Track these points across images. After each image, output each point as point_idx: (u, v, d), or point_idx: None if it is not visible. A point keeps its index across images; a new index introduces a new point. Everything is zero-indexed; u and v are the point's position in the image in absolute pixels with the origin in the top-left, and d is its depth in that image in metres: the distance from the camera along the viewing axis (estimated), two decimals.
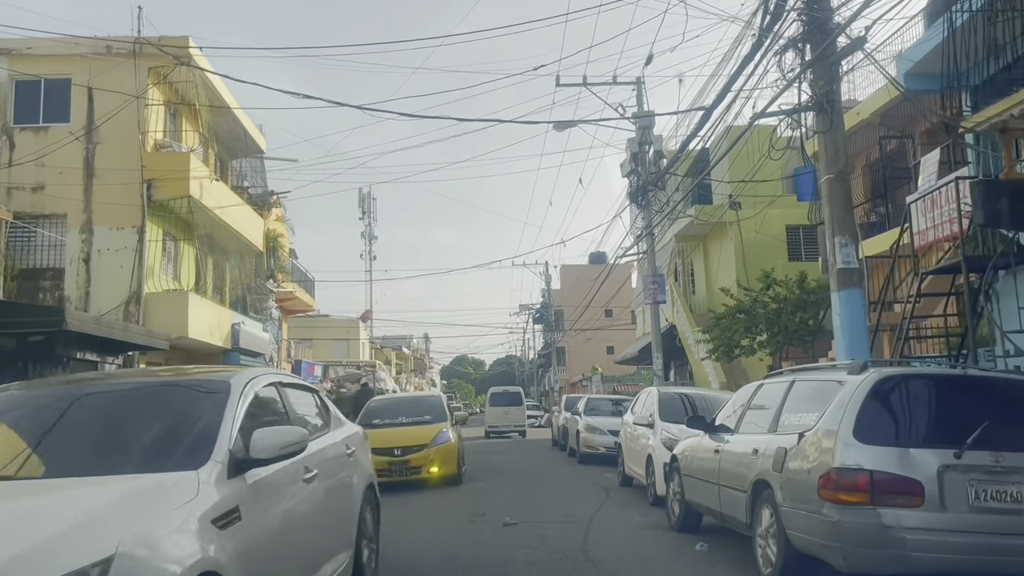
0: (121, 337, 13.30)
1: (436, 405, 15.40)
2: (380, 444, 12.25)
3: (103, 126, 18.11)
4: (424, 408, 15.14)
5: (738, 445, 7.07)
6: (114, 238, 17.97)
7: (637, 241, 25.90)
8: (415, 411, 14.91)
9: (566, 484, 14.46)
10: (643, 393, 14.33)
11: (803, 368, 7.05)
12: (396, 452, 13.27)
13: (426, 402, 16.14)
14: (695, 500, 8.27)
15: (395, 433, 13.90)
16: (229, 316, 21.22)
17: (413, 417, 14.53)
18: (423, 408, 15.16)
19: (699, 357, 25.33)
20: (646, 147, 23.95)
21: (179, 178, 18.00)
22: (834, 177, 11.44)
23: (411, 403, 16.31)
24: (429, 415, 14.60)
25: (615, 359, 43.72)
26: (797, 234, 25.83)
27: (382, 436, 13.22)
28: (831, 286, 11.48)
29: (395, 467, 13.13)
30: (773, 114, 11.99)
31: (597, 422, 19.23)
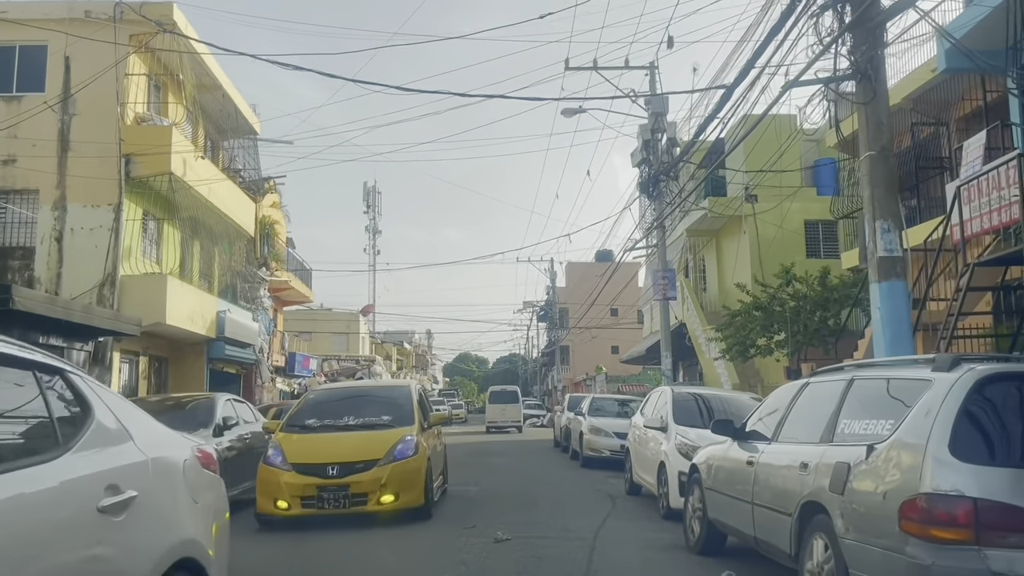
0: (81, 320, 12.11)
1: (401, 400, 10.75)
2: (307, 458, 9.26)
3: (80, 97, 16.92)
4: (383, 404, 10.69)
5: (779, 457, 5.83)
6: (89, 216, 16.79)
7: (647, 234, 24.65)
8: (370, 408, 10.57)
9: (568, 491, 13.22)
10: (654, 393, 13.09)
11: (864, 363, 5.81)
12: (330, 471, 9.09)
13: (387, 396, 11.24)
14: (720, 519, 7.02)
15: (332, 442, 9.77)
16: (214, 303, 20.03)
17: (365, 417, 10.25)
18: (381, 404, 10.71)
19: (710, 357, 24.07)
20: (659, 134, 22.68)
21: (160, 153, 16.80)
22: (876, 154, 10.17)
23: (365, 397, 11.55)
24: (389, 415, 10.27)
25: (620, 358, 42.50)
26: (816, 229, 24.55)
27: (311, 446, 9.64)
28: (870, 276, 10.21)
29: (327, 494, 9.05)
30: (808, 83, 10.71)
31: (602, 423, 18.03)
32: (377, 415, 10.29)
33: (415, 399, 10.75)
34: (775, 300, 19.06)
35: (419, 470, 9.54)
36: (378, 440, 9.64)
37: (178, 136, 17.47)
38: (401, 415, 10.25)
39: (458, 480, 13.99)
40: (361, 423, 10.13)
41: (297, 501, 9.04)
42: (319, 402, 11.10)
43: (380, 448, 9.44)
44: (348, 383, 19.20)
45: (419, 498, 9.50)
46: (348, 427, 10.11)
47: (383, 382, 22.07)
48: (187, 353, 19.85)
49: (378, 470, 9.20)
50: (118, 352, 16.72)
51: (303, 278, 33.01)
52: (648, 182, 22.80)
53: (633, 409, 19.77)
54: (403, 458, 9.38)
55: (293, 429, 10.14)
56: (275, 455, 9.40)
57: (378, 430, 9.95)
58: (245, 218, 22.70)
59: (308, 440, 9.85)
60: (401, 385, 12.27)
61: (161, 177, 17.19)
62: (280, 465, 9.23)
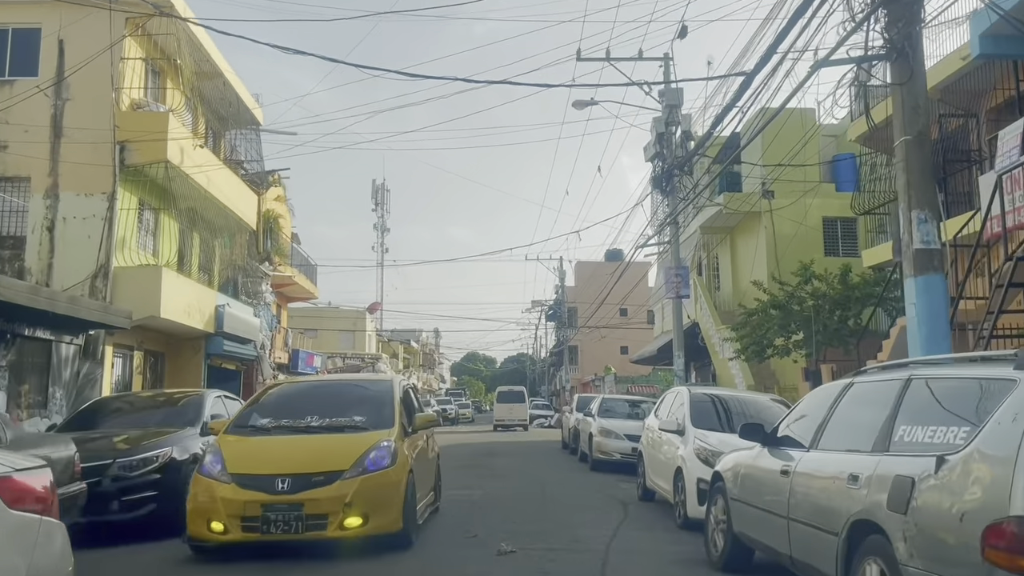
0: (66, 312, 11.50)
1: (379, 397, 8.78)
2: (251, 467, 7.34)
3: (74, 82, 16.33)
4: (357, 402, 8.75)
5: (821, 467, 5.13)
6: (82, 205, 16.19)
7: (659, 230, 23.93)
8: (340, 406, 8.59)
9: (577, 496, 12.53)
10: (669, 394, 12.38)
11: (922, 361, 5.10)
12: (280, 485, 7.10)
13: (362, 391, 9.25)
14: (747, 533, 6.33)
15: (286, 447, 7.85)
16: (213, 297, 19.43)
17: (332, 417, 8.27)
18: (355, 401, 8.77)
19: (725, 357, 23.32)
20: (673, 128, 21.96)
21: (156, 140, 16.20)
22: (912, 139, 9.47)
23: (336, 392, 9.51)
24: (363, 414, 8.32)
25: (630, 358, 41.76)
26: (835, 227, 23.77)
27: (258, 452, 7.72)
28: (905, 270, 9.52)
29: (275, 515, 6.97)
30: (839, 62, 9.98)
31: (613, 425, 17.34)
32: (348, 414, 8.27)
33: (397, 396, 8.69)
34: (793, 299, 18.33)
35: (396, 485, 7.44)
36: (345, 446, 7.62)
37: (175, 123, 16.86)
38: (378, 415, 8.26)
39: (460, 484, 13.32)
40: (326, 424, 8.14)
41: (236, 523, 7.02)
42: (278, 397, 9.16)
43: (346, 456, 7.38)
44: (318, 376, 16.79)
45: (395, 522, 7.35)
46: (310, 429, 8.10)
47: (361, 376, 18.99)
48: (184, 348, 19.24)
49: (342, 484, 7.11)
50: (111, 346, 16.12)
51: (308, 274, 32.42)
52: (661, 177, 22.10)
53: (644, 410, 19.08)
54: (376, 469, 7.33)
55: (241, 430, 8.13)
56: (212, 463, 7.41)
57: (347, 433, 7.97)
58: (247, 211, 22.09)
59: (256, 445, 7.88)
60: (382, 379, 10.06)
61: (157, 165, 16.58)
62: (217, 476, 7.26)
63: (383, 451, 7.53)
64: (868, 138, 18.30)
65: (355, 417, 8.23)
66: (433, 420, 9.47)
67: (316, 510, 7.02)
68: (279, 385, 10.08)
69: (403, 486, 7.55)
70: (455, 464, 18.16)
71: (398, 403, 8.58)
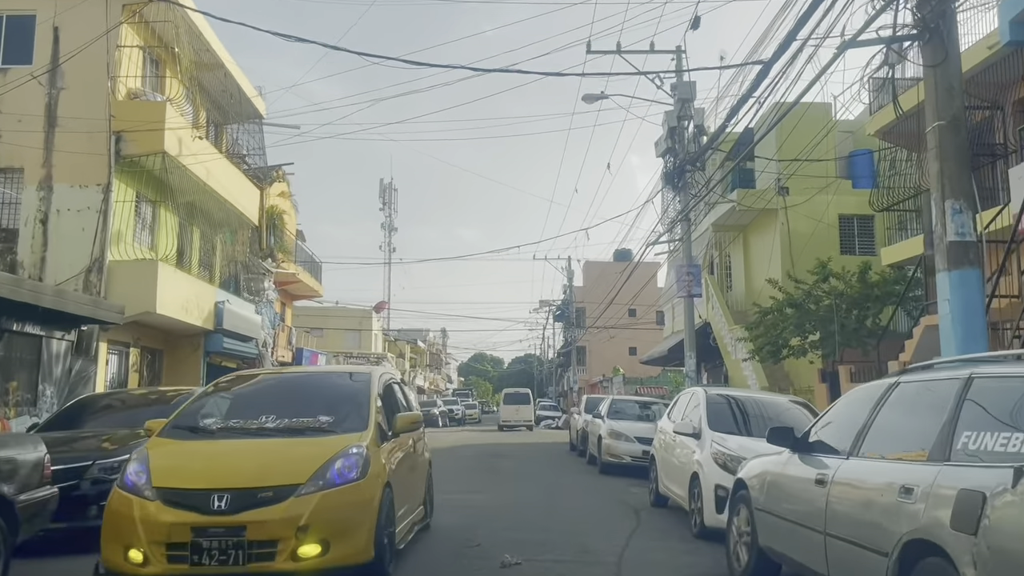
0: (52, 306, 11.00)
1: (353, 393, 7.20)
2: (181, 480, 5.82)
3: (70, 70, 15.86)
4: (325, 398, 7.18)
5: (864, 477, 4.57)
6: (76, 197, 15.71)
7: (670, 227, 23.35)
8: (304, 403, 7.06)
9: (586, 501, 11.96)
10: (683, 396, 11.80)
11: (984, 358, 4.53)
12: (216, 503, 5.58)
13: (333, 386, 7.74)
14: (775, 547, 5.76)
15: (229, 455, 6.29)
16: (212, 293, 18.93)
17: (293, 417, 6.73)
18: (323, 397, 7.20)
19: (738, 358, 22.71)
20: (685, 122, 21.37)
21: (153, 130, 15.71)
22: (946, 124, 8.88)
23: (301, 386, 7.95)
24: (331, 413, 6.76)
25: (640, 359, 41.18)
26: (851, 224, 23.15)
27: (193, 461, 6.22)
28: (938, 264, 8.92)
29: (210, 541, 5.50)
30: (867, 42, 9.40)
31: (622, 427, 16.76)
32: (312, 413, 6.72)
33: (375, 391, 7.10)
34: (810, 297, 17.72)
35: (366, 503, 5.93)
36: (304, 453, 6.11)
37: (173, 113, 16.36)
38: (350, 415, 6.71)
39: (464, 487, 12.79)
40: (284, 426, 6.57)
41: (160, 551, 5.47)
42: (231, 392, 7.53)
43: (304, 466, 5.86)
44: (283, 369, 13.48)
45: (364, 550, 5.82)
46: (263, 432, 6.53)
47: (335, 367, 16.66)
48: (182, 345, 18.75)
49: (296, 502, 5.59)
50: (105, 342, 15.64)
51: (313, 272, 31.95)
52: (673, 172, 21.51)
53: (655, 412, 18.50)
54: (342, 482, 5.82)
55: (179, 432, 6.63)
56: (136, 473, 5.86)
57: (309, 437, 6.41)
58: (249, 206, 21.59)
59: (193, 451, 6.39)
60: (359, 371, 8.04)
61: (154, 157, 16.08)
62: (139, 490, 5.72)
63: (351, 459, 5.98)
64: (888, 132, 17.70)
65: (321, 417, 6.66)
66: (417, 421, 7.57)
67: (262, 535, 5.47)
68: (236, 377, 8.10)
69: (376, 504, 5.99)
70: (459, 466, 17.63)
71: (375, 400, 6.96)
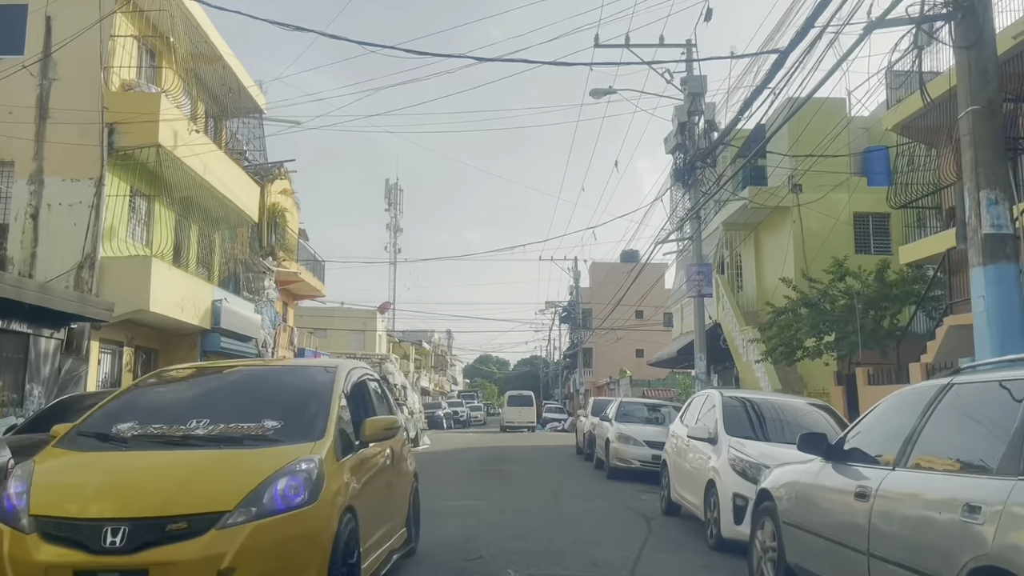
0: (35, 302, 10.50)
1: (311, 392, 5.74)
2: (70, 507, 4.45)
3: (62, 61, 15.35)
4: (276, 398, 5.76)
5: (917, 490, 4.02)
6: (68, 191, 15.21)
7: (680, 225, 22.78)
8: (248, 404, 5.62)
9: (594, 509, 11.39)
10: (697, 398, 11.24)
11: None
12: (110, 538, 4.20)
13: (287, 384, 6.12)
14: (807, 567, 5.21)
15: (139, 471, 4.85)
16: (209, 291, 18.42)
17: (230, 422, 5.27)
18: (273, 397, 5.77)
19: (749, 359, 22.12)
20: (695, 117, 20.82)
21: (147, 122, 15.20)
22: (981, 109, 8.33)
23: (248, 383, 6.30)
24: (279, 417, 5.31)
25: (648, 361, 40.59)
26: (866, 223, 22.54)
27: (89, 479, 4.76)
28: (971, 259, 8.36)
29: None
30: (895, 22, 8.85)
31: (631, 430, 16.21)
32: (256, 417, 5.24)
33: (338, 391, 5.63)
34: (826, 297, 17.13)
35: (316, 537, 4.60)
36: (237, 469, 4.72)
37: (168, 105, 15.86)
38: (303, 420, 5.29)
39: (467, 493, 12.27)
40: (218, 433, 5.09)
41: None
42: (162, 389, 6.10)
43: (234, 486, 4.50)
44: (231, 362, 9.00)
45: None
46: (189, 441, 5.07)
47: (295, 361, 12.54)
48: (178, 344, 18.26)
49: (218, 537, 4.28)
50: (97, 341, 15.15)
51: (315, 271, 31.45)
52: (683, 169, 20.96)
53: (664, 415, 17.93)
54: (284, 509, 4.48)
55: (85, 441, 5.15)
56: (17, 496, 4.52)
57: (247, 447, 4.98)
58: (248, 202, 21.08)
59: (91, 466, 4.90)
60: (322, 365, 6.52)
61: (148, 149, 15.58)
62: (17, 519, 4.39)
63: (298, 478, 4.59)
64: (907, 126, 17.13)
65: (267, 422, 5.17)
66: (392, 427, 5.98)
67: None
68: (173, 371, 6.61)
69: (329, 536, 4.66)
70: (463, 470, 17.12)
71: (338, 401, 5.51)
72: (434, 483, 14.15)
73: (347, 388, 5.92)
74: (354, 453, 5.48)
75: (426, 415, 41.39)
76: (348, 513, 4.99)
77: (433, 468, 18.19)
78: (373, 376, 7.15)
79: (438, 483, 14.16)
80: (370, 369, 7.31)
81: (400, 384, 26.38)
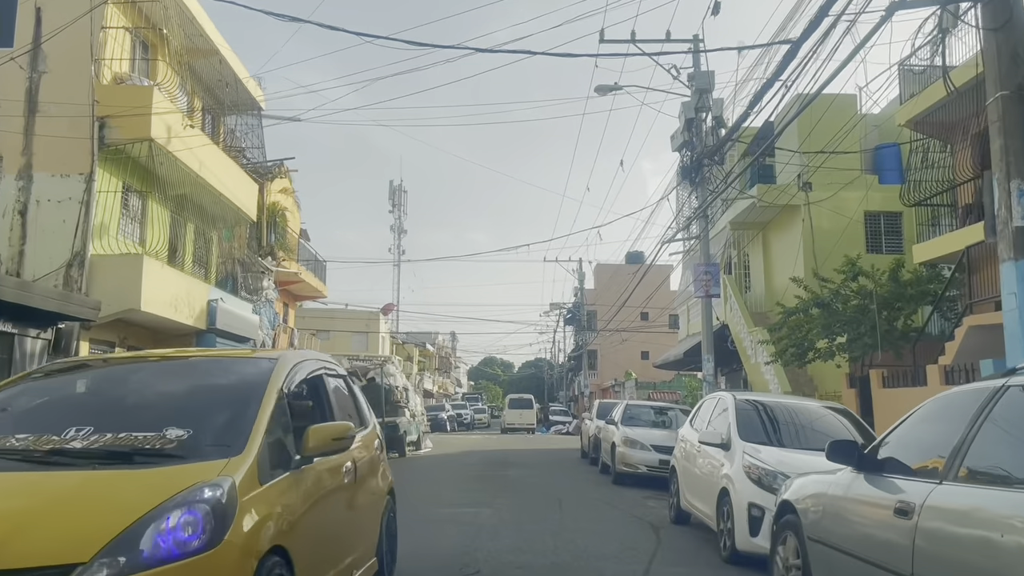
0: (14, 299, 10.05)
1: (239, 393, 4.42)
2: None
3: (52, 53, 14.91)
4: (189, 400, 4.44)
5: (972, 508, 3.53)
6: (58, 187, 14.76)
7: (687, 225, 22.29)
8: (150, 408, 4.36)
9: (599, 517, 10.89)
10: (708, 401, 10.74)
11: None
12: None
13: (209, 380, 4.75)
14: None
15: None
16: (205, 291, 17.95)
17: (123, 430, 3.92)
18: (185, 399, 4.45)
19: (758, 361, 21.60)
20: (703, 113, 20.34)
21: (138, 115, 14.76)
22: (1011, 94, 7.85)
23: (153, 380, 4.83)
24: (186, 424, 3.97)
25: (654, 363, 40.07)
26: (878, 222, 22.05)
27: None
28: (1002, 254, 7.88)
29: None
30: (919, 3, 8.38)
31: (638, 434, 15.72)
32: (157, 425, 3.99)
33: (273, 389, 4.35)
34: (838, 297, 16.61)
35: None
36: (106, 499, 3.45)
37: (161, 98, 15.41)
38: (218, 428, 4.10)
39: (467, 500, 11.79)
40: (101, 446, 3.85)
41: None
42: (42, 388, 4.79)
43: (97, 527, 3.22)
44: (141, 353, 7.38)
45: None
46: (57, 457, 3.82)
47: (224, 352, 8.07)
48: (172, 345, 17.78)
49: None
50: (87, 341, 14.68)
51: (317, 272, 31.01)
52: (690, 167, 20.47)
53: (671, 419, 17.44)
54: (170, 558, 3.21)
55: None
56: None
57: (136, 467, 3.75)
58: (247, 200, 20.62)
59: None
60: (259, 358, 5.09)
61: (140, 144, 15.13)
62: None
63: (195, 511, 3.36)
64: (920, 122, 16.62)
65: (170, 431, 3.91)
66: (343, 435, 4.59)
67: None
68: (64, 363, 5.45)
69: None
70: (463, 475, 16.67)
71: (271, 403, 4.21)
72: (433, 488, 13.70)
73: (290, 386, 4.59)
74: (291, 472, 4.14)
75: (429, 418, 40.94)
76: (275, 556, 3.68)
77: (433, 472, 17.73)
78: (336, 370, 5.77)
79: (438, 488, 13.70)
80: (333, 362, 5.90)
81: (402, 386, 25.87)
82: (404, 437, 22.45)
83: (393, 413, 22.07)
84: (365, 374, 24.49)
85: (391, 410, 21.98)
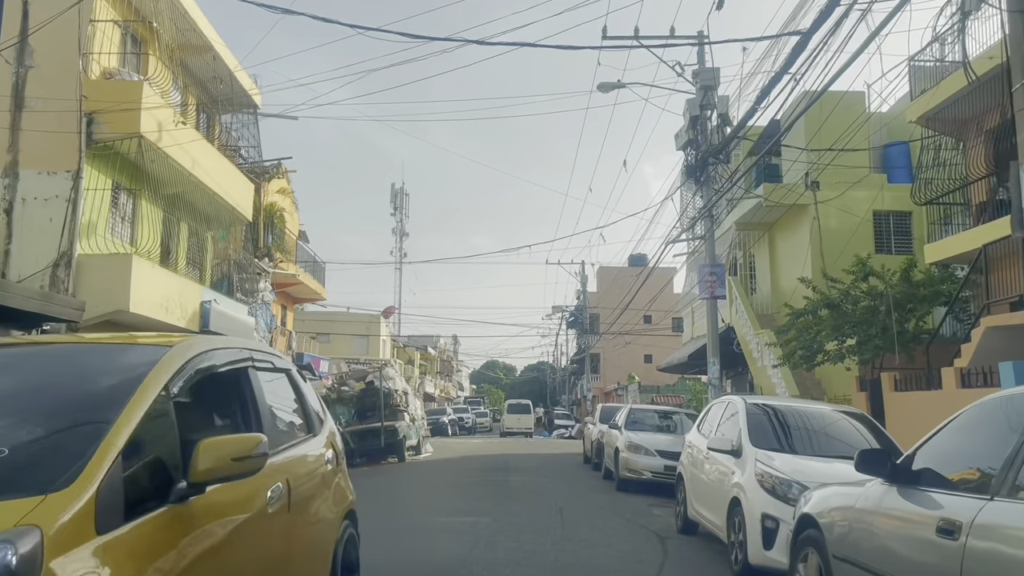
0: None
1: (92, 397, 3.09)
2: None
3: (40, 48, 14.41)
4: (17, 406, 3.06)
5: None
6: (44, 184, 14.33)
7: (691, 225, 21.85)
8: None
9: (603, 525, 10.41)
10: (717, 405, 10.26)
11: None
12: None
13: (53, 379, 3.32)
14: None
15: None
16: (198, 292, 17.51)
17: None
18: (14, 405, 3.07)
19: (765, 364, 21.13)
20: (708, 111, 19.91)
21: (127, 110, 14.35)
22: None
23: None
24: (8, 442, 2.70)
25: (658, 366, 39.59)
26: (887, 221, 21.57)
27: None
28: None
29: None
30: None
31: (642, 439, 15.25)
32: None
33: (153, 389, 3.08)
34: (848, 298, 16.13)
35: None
36: None
37: (151, 93, 14.99)
38: (46, 447, 2.82)
39: (463, 508, 11.33)
40: None
41: None
42: None
43: None
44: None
45: None
46: None
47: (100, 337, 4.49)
48: None
49: None
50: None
51: (316, 274, 30.57)
52: (695, 165, 20.03)
53: (676, 423, 16.95)
54: None
55: None
56: None
57: None
58: (242, 201, 20.19)
59: None
60: (144, 346, 3.72)
61: (129, 141, 14.71)
62: None
63: None
64: (931, 118, 16.18)
65: None
66: (248, 453, 3.13)
67: None
68: None
69: None
70: (462, 480, 16.23)
71: (139, 409, 2.94)
72: (431, 495, 13.25)
73: (185, 384, 3.32)
74: (169, 506, 2.89)
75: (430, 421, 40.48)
76: None
77: (432, 478, 17.28)
78: (272, 363, 4.47)
79: (435, 495, 13.27)
80: (269, 352, 4.65)
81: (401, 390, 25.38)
82: (404, 442, 22.03)
83: (392, 417, 21.63)
84: (363, 377, 24.06)
85: (390, 414, 21.55)
